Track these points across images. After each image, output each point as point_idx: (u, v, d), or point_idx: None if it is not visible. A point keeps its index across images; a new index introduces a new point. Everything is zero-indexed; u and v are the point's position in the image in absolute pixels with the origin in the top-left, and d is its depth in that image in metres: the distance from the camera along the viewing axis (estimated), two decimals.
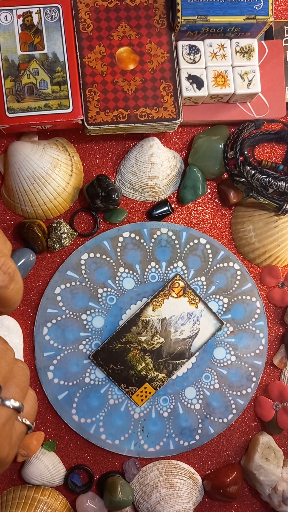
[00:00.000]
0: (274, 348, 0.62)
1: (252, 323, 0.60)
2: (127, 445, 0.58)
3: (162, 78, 0.54)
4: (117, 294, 0.59)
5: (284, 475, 0.59)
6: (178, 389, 0.59)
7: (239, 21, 0.52)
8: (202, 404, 0.59)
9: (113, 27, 0.53)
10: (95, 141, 0.59)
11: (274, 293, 0.61)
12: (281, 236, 0.59)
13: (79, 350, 0.58)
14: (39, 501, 0.56)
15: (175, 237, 0.59)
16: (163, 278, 0.59)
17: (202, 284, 0.60)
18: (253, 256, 0.61)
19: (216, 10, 0.51)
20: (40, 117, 0.51)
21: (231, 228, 0.61)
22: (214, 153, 0.58)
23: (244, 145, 0.58)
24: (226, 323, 0.60)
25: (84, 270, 0.58)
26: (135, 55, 0.53)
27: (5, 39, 0.51)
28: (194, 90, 0.54)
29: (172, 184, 0.59)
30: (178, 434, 0.59)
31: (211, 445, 0.61)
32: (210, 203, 0.61)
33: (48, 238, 0.57)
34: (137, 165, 0.57)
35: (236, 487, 0.58)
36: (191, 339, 0.59)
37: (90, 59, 0.53)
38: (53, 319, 0.58)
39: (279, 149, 0.62)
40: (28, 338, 0.58)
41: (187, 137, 0.61)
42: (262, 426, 0.62)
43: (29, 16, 0.51)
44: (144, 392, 0.58)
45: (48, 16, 0.52)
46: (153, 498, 0.57)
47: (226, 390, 0.60)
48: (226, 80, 0.55)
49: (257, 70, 0.56)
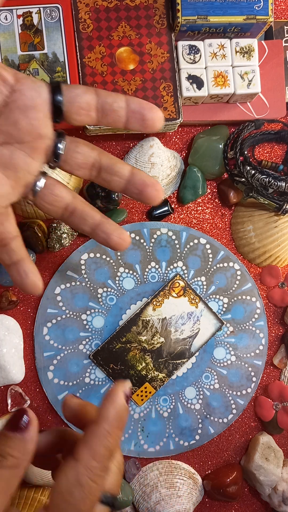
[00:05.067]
0: (274, 348, 0.62)
1: (252, 323, 0.60)
2: (127, 445, 0.58)
3: (162, 78, 0.54)
4: (117, 294, 0.59)
5: (284, 475, 0.59)
6: (178, 389, 0.59)
7: (239, 21, 0.52)
8: (202, 404, 0.59)
9: (113, 27, 0.53)
10: (95, 141, 0.59)
11: (274, 293, 0.61)
12: (281, 236, 0.59)
13: (79, 350, 0.58)
14: (39, 501, 0.56)
15: (175, 237, 0.59)
16: (163, 278, 0.59)
17: (202, 284, 0.60)
18: (253, 256, 0.61)
19: (216, 10, 0.51)
20: None
21: (231, 228, 0.62)
22: (214, 153, 0.58)
23: (244, 145, 0.58)
24: (226, 323, 0.60)
25: (84, 270, 0.58)
26: (135, 55, 0.53)
27: (5, 39, 0.51)
28: (194, 90, 0.54)
29: (172, 184, 0.59)
30: (178, 434, 0.59)
31: (211, 445, 0.61)
32: (210, 203, 0.61)
33: (48, 238, 0.57)
34: (137, 165, 0.57)
35: (236, 487, 0.58)
36: (191, 339, 0.59)
37: (90, 59, 0.53)
38: (53, 319, 0.58)
39: (279, 149, 0.62)
40: (28, 338, 0.58)
41: (187, 137, 0.61)
42: (262, 426, 0.62)
43: (29, 16, 0.51)
44: (144, 392, 0.58)
45: (48, 16, 0.52)
46: (153, 498, 0.57)
47: (226, 390, 0.60)
48: (226, 80, 0.55)
49: (257, 70, 0.56)
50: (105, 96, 0.36)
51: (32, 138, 0.35)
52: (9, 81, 0.33)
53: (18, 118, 0.34)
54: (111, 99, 0.36)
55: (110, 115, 0.36)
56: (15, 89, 0.34)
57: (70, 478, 0.28)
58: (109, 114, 0.36)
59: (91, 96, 0.36)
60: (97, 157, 0.39)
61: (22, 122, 0.34)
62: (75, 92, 0.35)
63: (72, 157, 0.38)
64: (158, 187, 0.39)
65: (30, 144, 0.35)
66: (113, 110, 0.36)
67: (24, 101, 0.34)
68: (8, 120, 0.34)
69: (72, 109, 0.35)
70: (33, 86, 0.34)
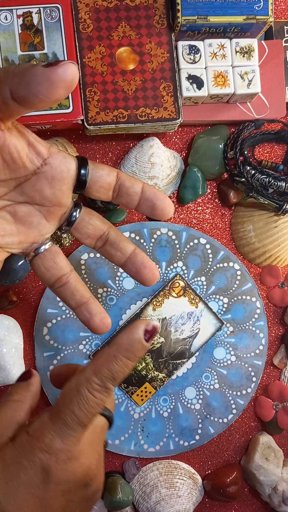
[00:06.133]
0: (274, 348, 0.62)
1: (252, 323, 0.60)
2: (127, 445, 0.58)
3: (162, 78, 0.54)
4: (117, 294, 0.59)
5: (284, 475, 0.59)
6: (178, 389, 0.59)
7: (239, 21, 0.52)
8: (202, 404, 0.59)
9: (113, 27, 0.53)
10: (95, 141, 0.59)
11: (274, 293, 0.61)
12: (281, 236, 0.59)
13: (79, 350, 0.58)
14: None
15: (175, 237, 0.59)
16: (163, 278, 0.59)
17: (202, 284, 0.60)
18: (253, 256, 0.61)
19: (216, 10, 0.51)
20: (40, 117, 0.51)
21: (231, 228, 0.62)
22: (214, 153, 0.58)
23: (244, 145, 0.58)
24: (226, 323, 0.60)
25: (84, 270, 0.58)
26: (135, 55, 0.53)
27: (5, 39, 0.51)
28: (194, 90, 0.54)
29: (172, 184, 0.59)
30: (178, 434, 0.59)
31: (211, 445, 0.61)
32: (210, 203, 0.61)
33: None
34: (137, 165, 0.57)
35: (236, 487, 0.58)
36: (191, 338, 0.59)
37: (90, 59, 0.53)
38: (53, 319, 0.58)
39: (279, 149, 0.62)
40: (28, 338, 0.58)
41: (187, 137, 0.61)
42: (262, 426, 0.62)
43: (29, 16, 0.51)
44: (144, 392, 0.58)
45: (48, 16, 0.52)
46: (153, 498, 0.57)
47: (226, 390, 0.60)
48: (226, 80, 0.55)
49: (257, 70, 0.56)
50: (124, 179, 0.39)
51: (52, 204, 0.38)
52: (42, 154, 0.36)
53: (44, 187, 0.36)
54: (129, 183, 0.39)
55: (124, 197, 0.39)
56: (46, 162, 0.36)
57: (71, 384, 0.32)
58: (123, 196, 0.39)
59: (113, 178, 0.39)
60: (107, 231, 0.41)
61: (46, 191, 0.37)
62: (100, 173, 0.38)
63: (84, 226, 0.40)
64: (155, 272, 0.41)
65: (48, 209, 0.38)
66: (129, 194, 0.39)
67: (53, 174, 0.36)
68: (35, 187, 0.36)
69: (94, 187, 0.38)
70: (64, 162, 0.37)
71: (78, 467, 0.31)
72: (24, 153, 0.34)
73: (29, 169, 0.35)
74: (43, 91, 0.29)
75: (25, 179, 0.36)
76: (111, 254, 0.41)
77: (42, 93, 0.29)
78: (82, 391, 0.31)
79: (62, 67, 0.29)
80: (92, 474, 0.33)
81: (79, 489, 0.32)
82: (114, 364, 0.31)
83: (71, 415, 0.31)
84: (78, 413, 0.31)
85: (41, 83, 0.29)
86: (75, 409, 0.31)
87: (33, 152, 0.35)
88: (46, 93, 0.29)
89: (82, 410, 0.31)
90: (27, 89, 0.29)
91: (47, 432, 0.31)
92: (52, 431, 0.31)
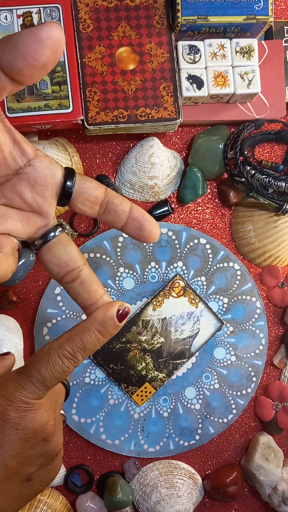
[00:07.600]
0: (274, 348, 0.62)
1: (252, 323, 0.60)
2: (127, 445, 0.58)
3: (162, 78, 0.54)
4: (117, 294, 0.59)
5: (284, 475, 0.59)
6: (178, 389, 0.59)
7: (239, 21, 0.52)
8: (202, 404, 0.59)
9: (113, 27, 0.53)
10: (95, 141, 0.59)
11: (274, 293, 0.61)
12: (281, 236, 0.59)
13: None
14: (39, 501, 0.56)
15: (175, 237, 0.59)
16: (163, 278, 0.59)
17: (202, 284, 0.60)
18: (253, 256, 0.61)
19: (216, 10, 0.51)
20: (40, 117, 0.51)
21: (231, 228, 0.62)
22: (214, 153, 0.58)
23: (244, 145, 0.58)
24: (226, 323, 0.60)
25: None
26: (135, 55, 0.53)
27: None
28: (194, 90, 0.54)
29: (172, 184, 0.59)
30: (178, 434, 0.59)
31: (211, 445, 0.61)
32: (210, 203, 0.61)
33: None
34: (137, 165, 0.57)
35: (236, 487, 0.58)
36: (191, 339, 0.59)
37: (90, 59, 0.53)
38: (53, 319, 0.58)
39: (279, 149, 0.62)
40: (28, 338, 0.58)
41: (187, 137, 0.61)
42: (262, 426, 0.62)
43: (29, 16, 0.51)
44: (144, 392, 0.58)
45: (48, 16, 0.52)
46: (153, 498, 0.57)
47: (226, 390, 0.60)
48: (226, 80, 0.55)
49: (257, 70, 0.56)
50: (113, 197, 0.38)
51: (32, 210, 0.36)
52: (28, 154, 0.34)
53: (25, 189, 0.35)
54: (117, 201, 0.38)
55: (112, 214, 0.38)
56: (31, 163, 0.35)
57: (44, 348, 0.34)
58: (111, 214, 0.38)
59: (100, 192, 0.37)
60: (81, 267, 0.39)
61: (27, 194, 0.35)
62: (88, 185, 0.37)
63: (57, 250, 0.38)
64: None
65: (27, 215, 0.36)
66: (116, 211, 0.38)
67: (36, 177, 0.35)
68: (14, 188, 0.35)
69: (79, 199, 0.37)
70: (49, 167, 0.35)
71: (36, 418, 0.34)
72: (7, 148, 0.33)
73: (10, 167, 0.34)
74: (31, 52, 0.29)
75: (5, 179, 0.34)
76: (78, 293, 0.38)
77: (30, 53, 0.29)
78: (52, 355, 0.33)
79: (47, 26, 0.29)
80: (51, 431, 0.35)
81: (37, 442, 0.34)
82: (86, 335, 0.34)
83: (37, 373, 0.33)
84: (44, 373, 0.33)
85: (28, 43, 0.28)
86: (41, 369, 0.33)
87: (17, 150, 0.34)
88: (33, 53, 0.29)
89: (48, 371, 0.33)
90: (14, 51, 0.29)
91: (11, 382, 0.33)
92: (15, 383, 0.33)
